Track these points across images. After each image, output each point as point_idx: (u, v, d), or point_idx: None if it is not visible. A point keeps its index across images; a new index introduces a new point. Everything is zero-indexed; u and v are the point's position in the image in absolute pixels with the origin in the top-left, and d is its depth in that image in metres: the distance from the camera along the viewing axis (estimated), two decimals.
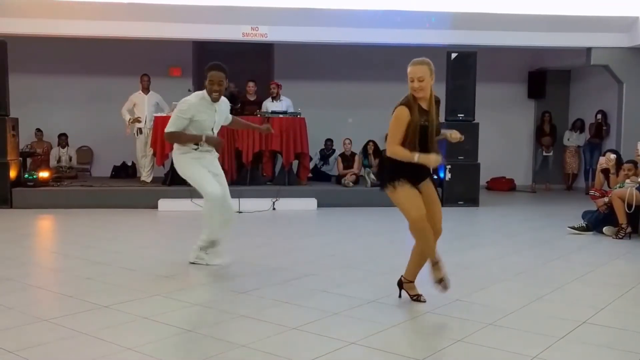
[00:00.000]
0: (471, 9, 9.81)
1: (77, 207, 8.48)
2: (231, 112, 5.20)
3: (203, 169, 4.85)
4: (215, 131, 4.97)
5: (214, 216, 4.84)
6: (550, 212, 8.94)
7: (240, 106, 9.61)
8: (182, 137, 4.77)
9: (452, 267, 5.07)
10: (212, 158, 4.98)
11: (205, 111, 4.79)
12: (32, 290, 4.29)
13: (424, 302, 3.96)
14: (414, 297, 4.01)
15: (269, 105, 9.78)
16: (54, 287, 4.44)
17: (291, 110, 9.63)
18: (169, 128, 4.77)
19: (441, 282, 3.88)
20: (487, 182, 12.04)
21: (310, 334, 3.36)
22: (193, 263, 4.98)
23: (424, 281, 3.97)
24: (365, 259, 5.42)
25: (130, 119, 9.54)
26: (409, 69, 3.80)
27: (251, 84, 10.01)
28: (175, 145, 4.89)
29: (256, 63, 11.75)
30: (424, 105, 3.83)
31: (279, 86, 10.03)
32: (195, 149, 4.83)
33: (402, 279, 4.06)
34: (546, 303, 4.06)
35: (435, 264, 3.89)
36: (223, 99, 4.92)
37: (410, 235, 3.94)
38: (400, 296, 4.06)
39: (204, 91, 4.81)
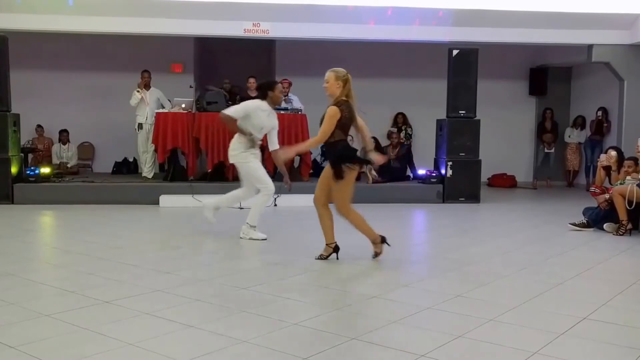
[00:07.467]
0: (473, 5, 9.81)
1: (78, 203, 8.49)
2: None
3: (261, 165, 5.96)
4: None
5: (264, 207, 5.96)
6: (551, 209, 8.94)
7: (240, 102, 9.54)
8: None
9: (453, 263, 5.10)
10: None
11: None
12: (34, 286, 4.30)
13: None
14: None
15: None
16: (55, 282, 4.44)
17: (299, 106, 9.60)
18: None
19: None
20: (488, 179, 12.04)
21: (311, 330, 3.37)
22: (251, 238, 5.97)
23: (425, 278, 3.97)
24: (365, 255, 5.41)
25: (139, 84, 9.62)
26: None
27: (252, 79, 9.96)
28: (241, 144, 5.88)
29: (257, 59, 11.75)
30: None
31: (290, 84, 10.02)
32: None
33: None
34: (547, 299, 4.07)
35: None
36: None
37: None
38: (337, 258, 5.06)
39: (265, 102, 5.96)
